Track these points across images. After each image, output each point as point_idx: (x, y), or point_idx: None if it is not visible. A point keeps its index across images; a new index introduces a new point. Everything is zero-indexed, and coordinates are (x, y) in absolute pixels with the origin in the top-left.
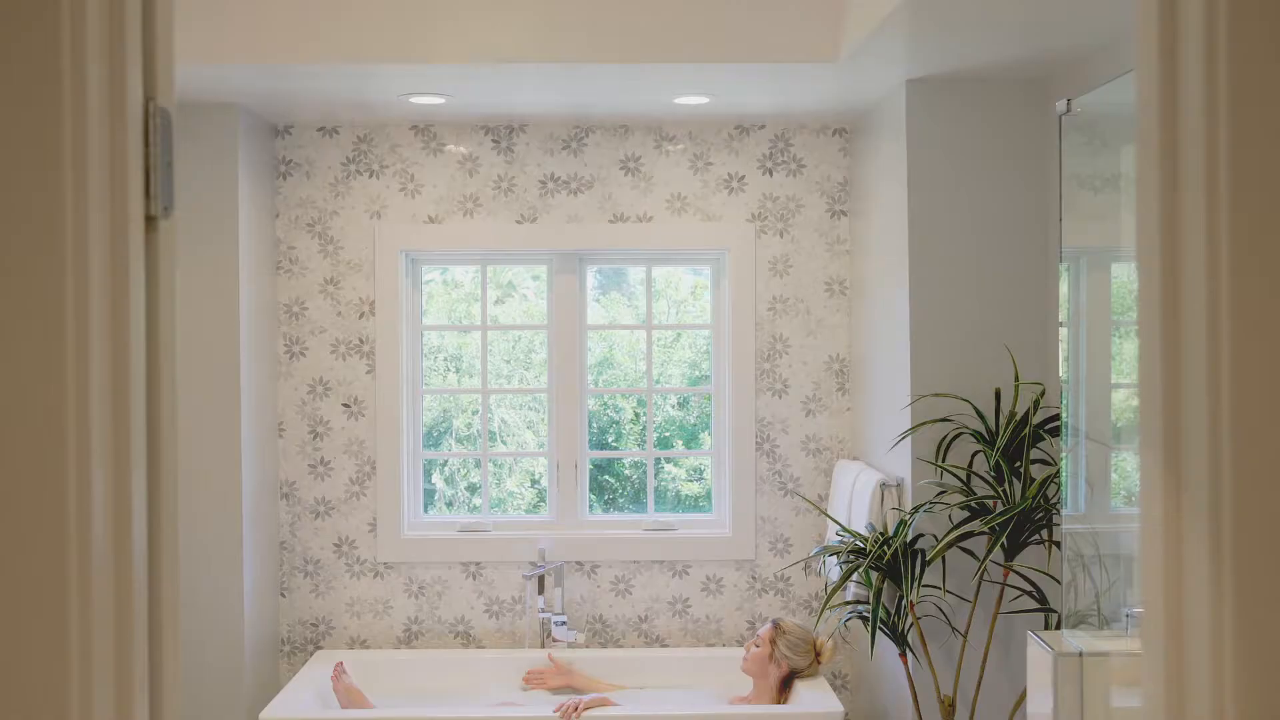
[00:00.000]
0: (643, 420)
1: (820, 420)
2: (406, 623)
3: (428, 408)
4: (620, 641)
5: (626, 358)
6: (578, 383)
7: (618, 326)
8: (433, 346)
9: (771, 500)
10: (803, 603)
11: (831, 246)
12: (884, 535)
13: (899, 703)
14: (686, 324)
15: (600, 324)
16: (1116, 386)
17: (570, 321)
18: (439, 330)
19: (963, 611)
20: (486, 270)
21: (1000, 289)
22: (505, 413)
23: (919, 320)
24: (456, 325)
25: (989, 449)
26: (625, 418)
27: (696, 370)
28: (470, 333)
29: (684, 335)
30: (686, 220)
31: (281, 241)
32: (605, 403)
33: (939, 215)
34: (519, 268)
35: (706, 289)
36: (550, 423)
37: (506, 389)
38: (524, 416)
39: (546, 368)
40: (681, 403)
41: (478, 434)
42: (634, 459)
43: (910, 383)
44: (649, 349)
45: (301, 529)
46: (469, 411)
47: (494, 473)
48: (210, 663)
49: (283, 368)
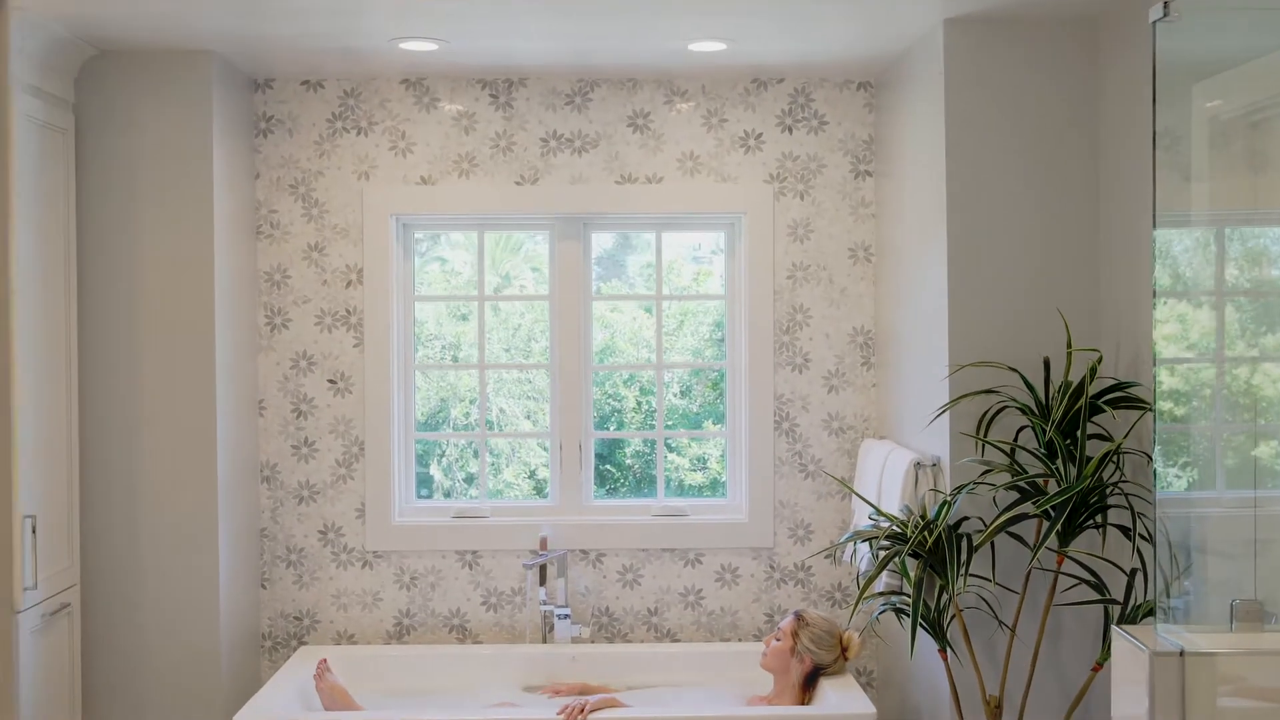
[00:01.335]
0: (644, 409)
1: (844, 397)
2: (397, 616)
3: (425, 398)
4: (628, 636)
5: (629, 344)
6: (581, 357)
7: (625, 297)
8: (430, 334)
9: (791, 483)
10: (825, 594)
11: (855, 209)
12: (924, 518)
13: (934, 703)
14: (699, 294)
15: (606, 295)
16: (1261, 360)
17: (573, 291)
18: (433, 302)
19: (1008, 604)
20: (484, 236)
21: (1047, 250)
22: (504, 401)
23: (958, 285)
24: (451, 296)
25: (1041, 422)
26: (628, 406)
27: (700, 358)
28: (468, 320)
29: (687, 322)
30: (699, 182)
31: (262, 204)
32: (607, 392)
33: (980, 170)
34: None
35: (710, 275)
36: (552, 400)
37: (505, 365)
38: (523, 406)
39: (548, 341)
40: (684, 391)
41: (476, 423)
42: (637, 447)
43: (948, 353)
44: (658, 319)
45: (284, 515)
46: (467, 400)
47: (491, 463)
48: (183, 660)
49: (263, 341)
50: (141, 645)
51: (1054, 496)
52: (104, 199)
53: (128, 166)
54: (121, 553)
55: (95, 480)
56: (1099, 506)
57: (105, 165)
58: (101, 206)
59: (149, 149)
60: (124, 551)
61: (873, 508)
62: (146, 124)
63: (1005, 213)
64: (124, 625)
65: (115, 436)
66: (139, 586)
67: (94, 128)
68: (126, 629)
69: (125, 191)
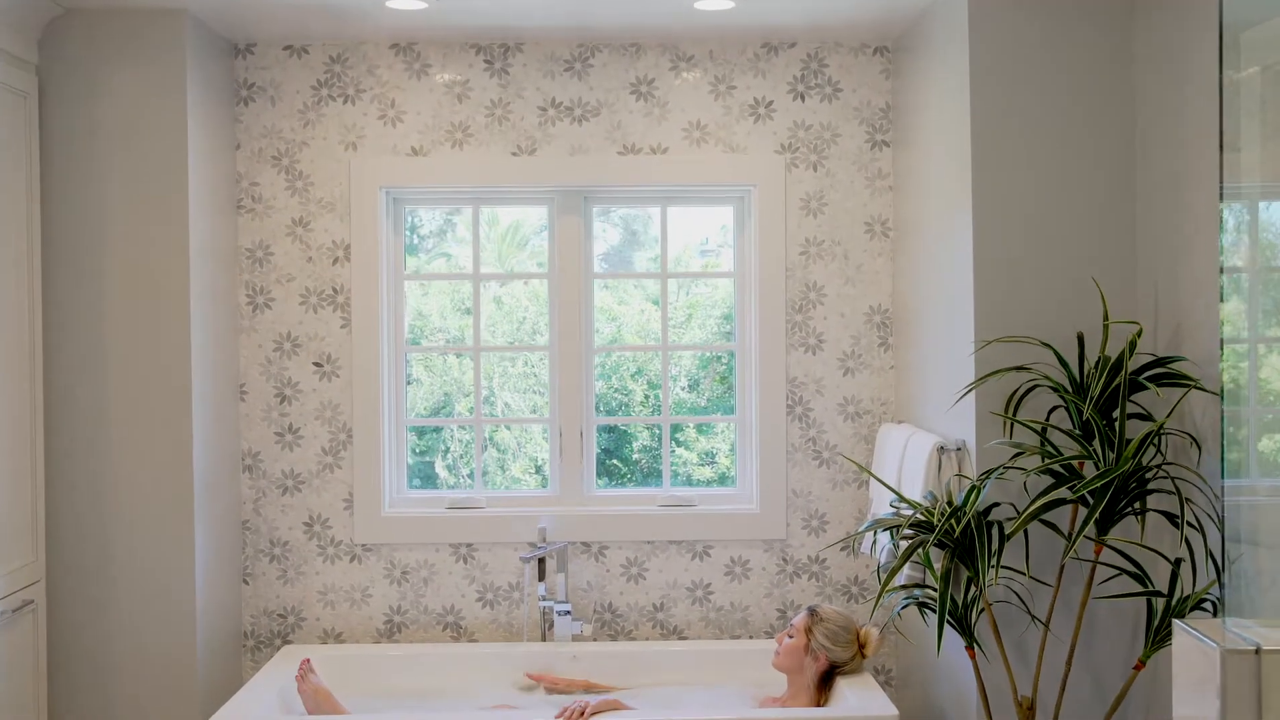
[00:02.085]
0: (651, 401)
1: (860, 379)
2: (388, 613)
3: (428, 392)
4: (632, 633)
5: (635, 337)
6: (582, 338)
7: (628, 275)
8: (434, 327)
9: (805, 471)
10: (841, 588)
11: (872, 181)
12: (951, 505)
13: (959, 704)
14: (706, 273)
15: (608, 274)
16: None
17: (573, 269)
18: (426, 285)
19: (1037, 597)
20: (479, 211)
21: (1079, 220)
22: (509, 396)
23: (984, 259)
24: (445, 275)
25: (1078, 400)
26: (635, 400)
27: (709, 351)
28: (472, 314)
29: (695, 315)
30: (706, 152)
31: (243, 177)
32: (613, 386)
33: (1007, 136)
34: (524, 255)
35: (719, 267)
36: (551, 384)
37: (501, 347)
38: (529, 401)
39: (548, 322)
40: (691, 385)
41: (480, 430)
42: (644, 442)
43: (974, 329)
44: (663, 297)
45: (267, 506)
46: (471, 395)
47: (497, 459)
48: (157, 660)
49: (245, 321)
50: (112, 645)
51: (1093, 480)
52: (69, 169)
53: (95, 134)
54: (90, 547)
55: (61, 470)
56: (1140, 491)
57: (71, 133)
58: (67, 177)
59: (119, 116)
60: (93, 546)
61: (895, 494)
62: (116, 89)
63: (1034, 181)
64: (93, 624)
65: (83, 424)
66: (109, 583)
67: (59, 92)
68: (96, 628)
69: (93, 161)
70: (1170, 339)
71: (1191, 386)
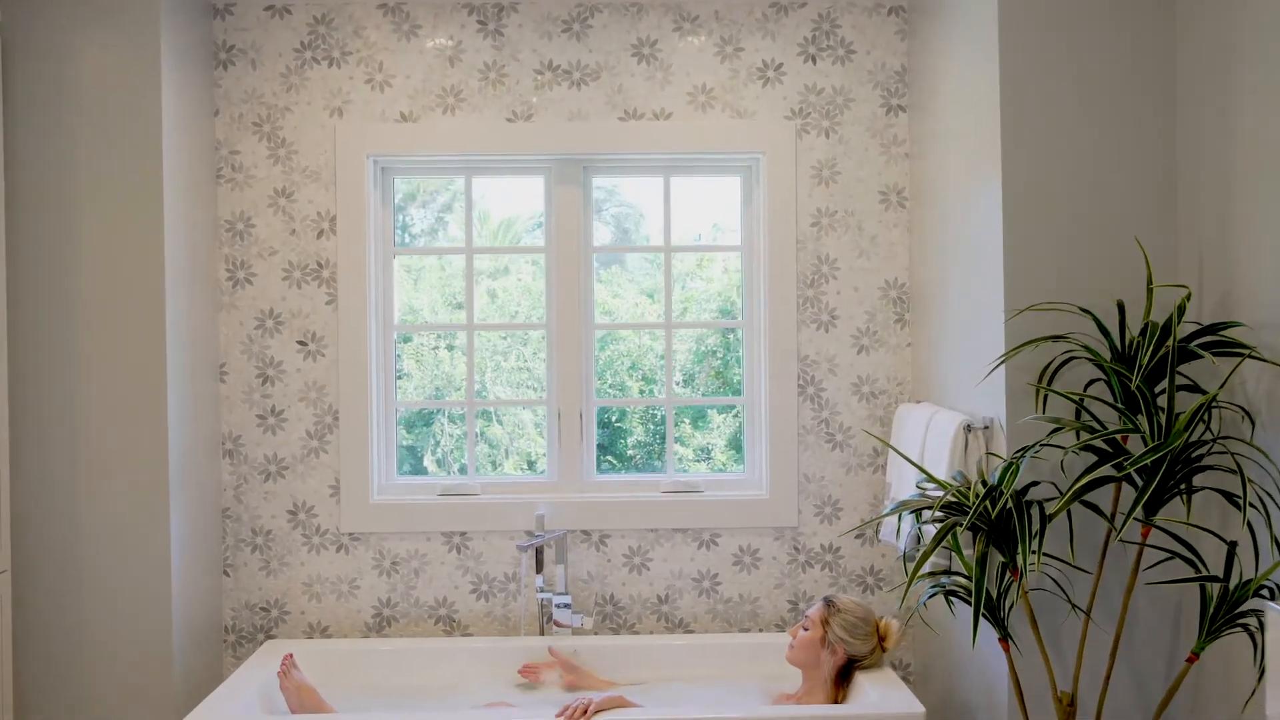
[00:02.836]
0: (647, 394)
1: (875, 358)
2: (376, 606)
3: (418, 385)
4: (635, 627)
5: (631, 332)
6: (581, 315)
7: (627, 249)
8: (422, 320)
9: (817, 455)
10: (856, 578)
11: (887, 149)
12: (986, 484)
13: (988, 700)
14: (713, 245)
15: (609, 247)
16: None
17: (572, 243)
18: (417, 255)
19: (1075, 585)
20: (472, 182)
21: (1116, 182)
22: (501, 389)
23: (1014, 225)
24: (437, 249)
25: (1124, 370)
26: (630, 395)
27: (703, 345)
28: (464, 309)
29: (690, 310)
30: (712, 118)
31: (222, 145)
32: (609, 382)
33: (1038, 94)
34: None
35: (713, 260)
36: (549, 364)
37: (496, 325)
38: (522, 395)
39: (546, 300)
40: (687, 380)
41: (472, 414)
42: (640, 437)
43: (1004, 300)
44: (666, 275)
45: (249, 493)
46: (462, 389)
47: (489, 454)
48: (130, 656)
49: (225, 297)
50: (82, 640)
51: (1145, 455)
52: (35, 136)
53: (63, 98)
54: (58, 537)
55: (27, 455)
56: (1191, 469)
57: (37, 97)
58: (32, 144)
59: (88, 78)
60: (61, 536)
61: (924, 473)
62: (85, 49)
63: (1068, 142)
64: (61, 618)
65: (50, 406)
66: (78, 574)
67: (23, 52)
68: (64, 622)
69: (60, 127)
70: (1217, 305)
71: (1247, 355)
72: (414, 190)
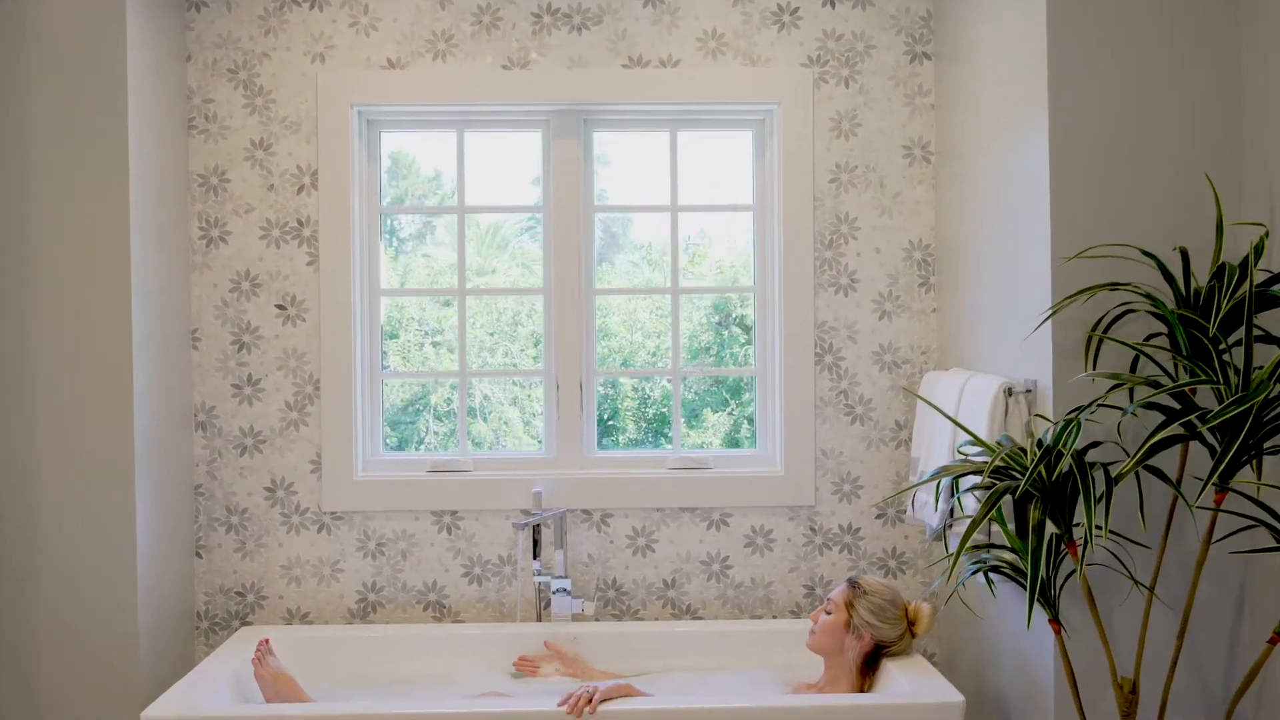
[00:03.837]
0: (640, 395)
1: (898, 324)
2: (361, 591)
3: (405, 384)
4: (639, 613)
5: (623, 329)
6: (581, 278)
7: (630, 208)
8: (409, 316)
9: (835, 429)
10: (877, 561)
11: (911, 99)
12: (1040, 445)
13: (1030, 691)
14: (720, 205)
15: (611, 205)
16: None
17: (572, 201)
18: (402, 215)
19: (1139, 559)
20: (464, 136)
21: (1174, 122)
22: (489, 388)
23: (1061, 164)
24: (424, 209)
25: (1196, 316)
26: (624, 393)
27: (696, 341)
28: (451, 305)
29: (681, 307)
30: (723, 66)
31: (195, 93)
32: (600, 380)
33: (1088, 32)
34: (504, 257)
35: (706, 256)
36: (546, 332)
37: (489, 290)
38: (510, 393)
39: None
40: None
41: (456, 411)
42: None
43: (1050, 247)
44: (673, 234)
45: (223, 469)
46: (449, 385)
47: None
48: (91, 645)
49: (197, 258)
50: (37, 627)
51: (1225, 410)
52: None
53: (19, 40)
54: (13, 515)
55: None
56: (1272, 428)
57: None
58: None
59: (46, 19)
60: (17, 514)
61: (967, 433)
62: None
63: (1122, 73)
64: (18, 604)
65: (3, 375)
66: (35, 556)
67: None
68: (19, 608)
69: (15, 72)
70: None
71: None
72: (402, 194)
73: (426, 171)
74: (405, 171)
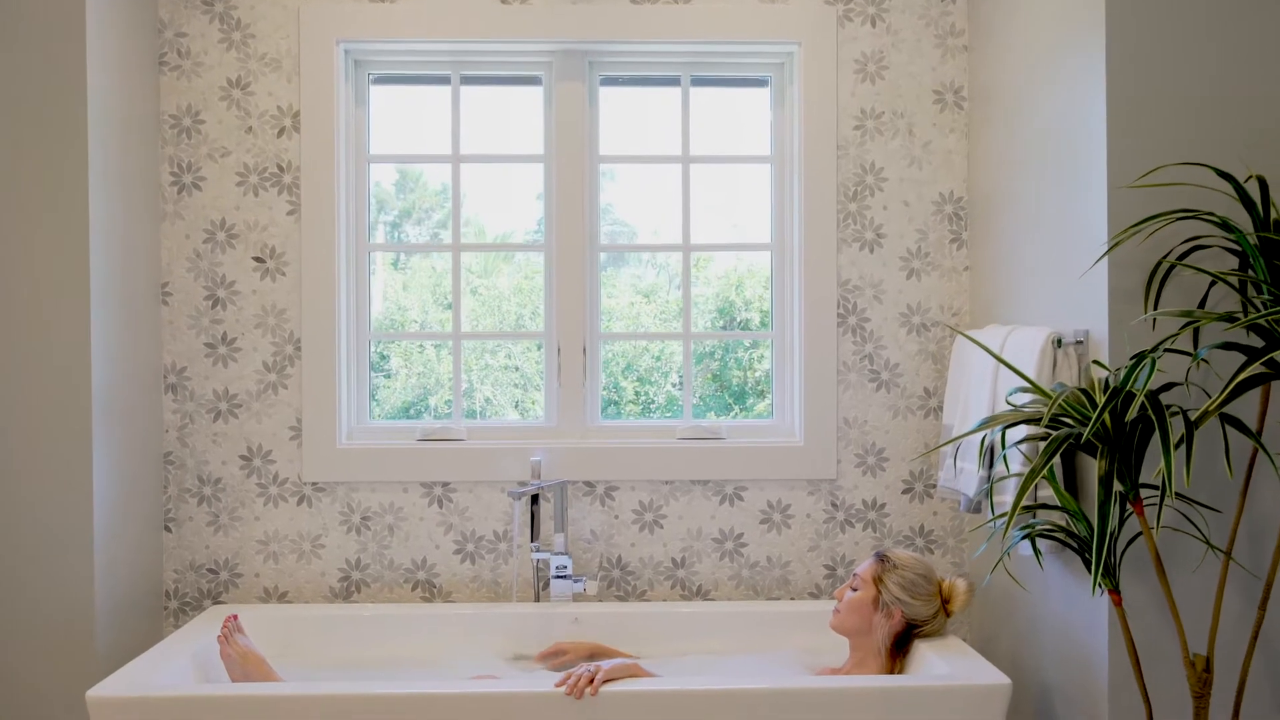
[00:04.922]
0: (642, 399)
1: (928, 283)
2: (344, 568)
3: (404, 384)
4: (646, 594)
5: (625, 327)
6: (586, 235)
7: (642, 159)
8: (410, 319)
9: (859, 395)
10: (904, 539)
11: (943, 40)
12: (1109, 386)
13: (1083, 668)
14: (737, 157)
15: (618, 156)
16: None
17: (576, 150)
18: (395, 164)
19: (1210, 523)
20: (459, 86)
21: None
22: (489, 390)
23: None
24: (419, 157)
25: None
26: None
27: (700, 345)
28: (450, 311)
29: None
30: (739, 2)
31: (166, 26)
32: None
33: None
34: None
35: (710, 261)
36: (547, 292)
37: (484, 246)
38: (509, 395)
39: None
40: (683, 382)
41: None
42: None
43: (1106, 176)
44: (684, 189)
45: (195, 436)
46: (448, 387)
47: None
48: (45, 628)
49: (167, 206)
50: None
51: None
52: None
53: None
54: None
55: None
56: None
57: None
58: None
59: None
60: None
61: (1020, 376)
62: None
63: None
64: None
65: None
66: None
67: None
68: None
69: None
70: None
71: None
72: (409, 206)
73: (434, 185)
74: (413, 184)
